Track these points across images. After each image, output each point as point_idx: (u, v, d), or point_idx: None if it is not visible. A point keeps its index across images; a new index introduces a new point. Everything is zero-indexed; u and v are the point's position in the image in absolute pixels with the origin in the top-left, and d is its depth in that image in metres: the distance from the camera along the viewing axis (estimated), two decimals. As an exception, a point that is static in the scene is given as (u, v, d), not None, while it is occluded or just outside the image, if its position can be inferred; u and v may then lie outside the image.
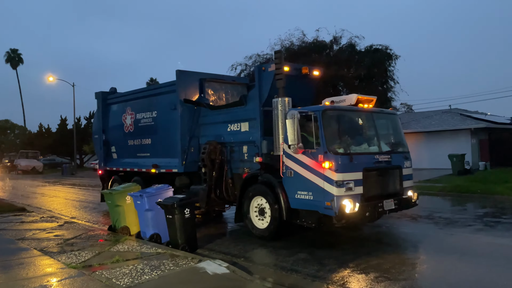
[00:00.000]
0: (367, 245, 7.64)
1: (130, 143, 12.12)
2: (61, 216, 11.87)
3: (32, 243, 7.97)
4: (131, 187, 9.30)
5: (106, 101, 13.20)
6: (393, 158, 7.95)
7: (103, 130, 13.19)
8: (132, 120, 11.97)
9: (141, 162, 11.62)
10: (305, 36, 23.89)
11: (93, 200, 16.34)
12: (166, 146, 10.68)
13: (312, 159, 7.27)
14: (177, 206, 7.36)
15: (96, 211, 13.17)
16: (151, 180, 10.95)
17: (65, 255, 6.92)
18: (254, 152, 8.73)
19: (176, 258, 6.58)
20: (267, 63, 8.87)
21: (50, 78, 39.82)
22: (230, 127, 9.44)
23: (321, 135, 7.22)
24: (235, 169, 9.39)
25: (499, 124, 26.32)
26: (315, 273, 6.08)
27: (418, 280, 5.74)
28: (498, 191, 14.26)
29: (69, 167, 40.38)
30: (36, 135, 52.79)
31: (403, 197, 7.97)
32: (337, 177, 6.96)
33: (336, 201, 6.91)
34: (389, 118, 8.67)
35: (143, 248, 7.31)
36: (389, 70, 22.91)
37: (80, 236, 8.58)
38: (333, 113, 7.74)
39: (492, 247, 7.47)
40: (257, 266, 6.50)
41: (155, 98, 11.22)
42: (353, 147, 7.63)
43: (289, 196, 7.66)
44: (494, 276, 5.87)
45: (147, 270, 5.92)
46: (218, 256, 6.97)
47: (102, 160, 13.23)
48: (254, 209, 8.36)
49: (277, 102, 8.08)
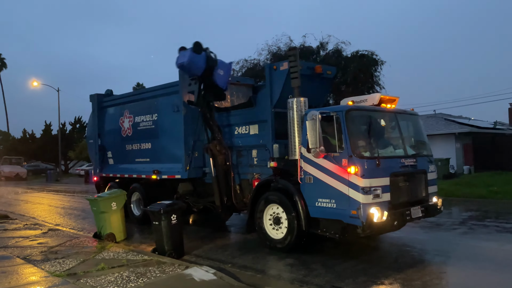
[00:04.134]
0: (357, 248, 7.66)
1: (128, 147, 11.62)
2: (45, 223, 11.67)
3: (15, 251, 7.80)
4: (117, 194, 9.20)
5: (101, 104, 12.63)
6: (418, 162, 7.41)
7: (99, 134, 12.59)
8: (130, 124, 11.45)
9: (140, 167, 11.12)
10: (292, 42, 23.99)
11: (78, 206, 16.10)
12: (168, 151, 10.20)
13: (335, 164, 6.72)
14: (163, 212, 7.30)
15: (81, 218, 12.97)
16: (151, 187, 10.64)
17: (49, 263, 6.80)
18: (265, 156, 8.25)
19: (163, 265, 6.51)
20: (278, 62, 8.34)
21: (35, 83, 39.20)
22: (237, 130, 8.94)
23: (344, 138, 6.66)
24: (243, 175, 8.89)
25: (483, 128, 26.79)
26: (302, 278, 6.08)
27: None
28: (482, 195, 14.49)
29: (54, 173, 39.72)
30: (20, 141, 51.83)
31: (429, 203, 7.48)
32: (364, 183, 6.41)
33: (363, 210, 6.36)
34: (412, 119, 8.08)
35: (129, 255, 7.21)
36: (375, 76, 23.11)
37: (64, 243, 8.44)
38: (357, 113, 7.15)
39: (476, 250, 7.57)
40: (245, 272, 6.46)
41: (156, 100, 10.66)
42: (379, 151, 7.09)
43: (308, 204, 7.12)
44: (478, 278, 5.95)
45: (133, 278, 5.84)
46: (206, 263, 6.92)
47: (97, 166, 12.64)
48: (268, 218, 7.77)
49: (292, 103, 7.53)
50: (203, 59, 8.27)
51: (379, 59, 22.61)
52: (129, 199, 11.09)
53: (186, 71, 8.66)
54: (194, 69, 8.33)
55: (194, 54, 8.17)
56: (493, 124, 30.92)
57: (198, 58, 8.22)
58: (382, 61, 22.74)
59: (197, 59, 8.21)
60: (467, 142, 24.61)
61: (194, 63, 8.22)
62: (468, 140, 24.66)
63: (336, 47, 23.26)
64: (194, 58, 8.18)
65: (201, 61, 8.24)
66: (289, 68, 7.69)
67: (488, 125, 30.00)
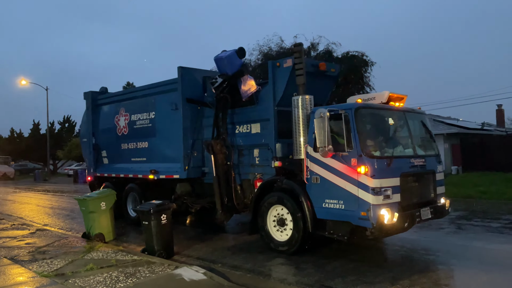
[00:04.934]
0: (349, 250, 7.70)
1: (123, 147, 11.32)
2: (32, 224, 11.53)
3: (2, 251, 7.71)
4: (106, 193, 9.14)
5: (96, 101, 12.33)
6: (427, 162, 7.27)
7: (93, 133, 12.28)
8: (126, 122, 11.18)
9: (136, 167, 10.84)
10: (283, 42, 24.07)
11: (66, 207, 15.95)
12: (166, 150, 9.97)
13: (343, 164, 6.51)
14: (153, 212, 7.27)
15: (69, 218, 12.84)
16: (148, 187, 10.43)
17: (37, 264, 6.73)
18: (267, 156, 8.09)
19: (152, 265, 6.48)
20: (282, 59, 8.21)
21: (23, 81, 38.74)
22: (238, 128, 8.72)
23: (354, 136, 6.46)
24: (244, 175, 8.66)
25: (471, 129, 27.13)
26: (292, 277, 6.09)
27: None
28: (470, 195, 14.67)
29: (42, 173, 39.32)
30: (8, 140, 51.28)
31: (438, 204, 7.34)
32: (374, 183, 6.22)
33: (373, 211, 6.17)
34: (420, 117, 7.93)
35: (118, 255, 7.16)
36: (365, 76, 23.26)
37: (52, 244, 8.35)
38: (367, 111, 6.96)
39: (464, 249, 7.66)
40: (235, 272, 6.46)
41: (153, 97, 10.39)
42: (389, 150, 6.96)
43: (314, 205, 6.91)
44: (466, 276, 6.03)
45: (122, 278, 5.80)
46: (196, 262, 6.90)
47: (91, 165, 12.32)
48: (272, 220, 7.56)
49: (297, 100, 7.34)
50: (240, 62, 8.63)
51: (369, 60, 22.76)
52: (125, 199, 10.92)
53: (220, 65, 8.73)
54: (229, 66, 8.52)
55: (235, 55, 8.54)
56: (481, 125, 31.34)
57: (236, 60, 8.56)
58: (373, 62, 22.90)
59: (235, 59, 8.54)
60: (455, 143, 24.90)
61: (232, 60, 8.52)
62: (456, 141, 24.95)
63: (327, 48, 23.37)
64: (234, 57, 8.53)
65: (237, 62, 8.57)
66: (294, 65, 7.54)
67: (476, 126, 30.39)
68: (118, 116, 11.50)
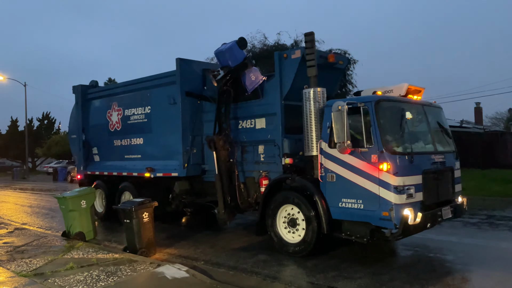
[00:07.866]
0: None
1: (116, 143, 10.81)
2: (10, 222, 11.29)
3: (-22, 251, 7.54)
4: (86, 191, 9.02)
5: (86, 96, 11.78)
6: (446, 158, 6.97)
7: (83, 128, 11.74)
8: (119, 117, 10.66)
9: (130, 165, 10.34)
10: (266, 39, 24.12)
11: (45, 205, 15.66)
12: (163, 147, 9.49)
13: (362, 160, 6.12)
14: (134, 210, 7.21)
15: (49, 217, 12.62)
16: (144, 186, 9.95)
17: (15, 263, 6.61)
18: (273, 152, 7.69)
19: (134, 263, 6.43)
20: (290, 49, 7.82)
21: (0, 77, 37.81)
22: (241, 123, 8.29)
23: (374, 131, 6.06)
24: (248, 172, 8.26)
25: (450, 127, 27.55)
26: (274, 274, 6.14)
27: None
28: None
29: (20, 170, 38.45)
30: (-16, 137, 49.98)
31: (457, 203, 7.07)
32: (397, 181, 5.86)
33: (396, 211, 5.81)
34: (437, 112, 7.58)
35: (99, 254, 7.09)
36: (348, 74, 23.49)
37: (31, 243, 8.20)
38: (388, 104, 6.51)
39: (442, 244, 7.81)
40: (218, 269, 6.47)
41: (149, 91, 9.88)
42: (411, 146, 6.43)
43: (330, 204, 6.52)
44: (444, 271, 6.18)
45: (103, 277, 5.75)
46: (178, 260, 6.89)
47: (81, 163, 11.75)
48: (282, 220, 7.17)
49: (309, 93, 6.91)
50: (242, 55, 8.19)
51: (351, 58, 22.98)
52: (119, 199, 10.48)
53: (221, 58, 8.29)
54: (230, 58, 8.06)
55: (236, 46, 8.09)
56: (460, 123, 31.98)
57: (238, 51, 8.13)
58: (355, 60, 23.14)
59: (236, 51, 8.11)
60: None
61: (233, 53, 8.06)
62: (436, 138, 25.41)
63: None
64: (235, 49, 8.08)
65: (239, 54, 8.12)
66: (304, 55, 7.17)
67: (455, 123, 30.98)
68: (110, 111, 10.98)
